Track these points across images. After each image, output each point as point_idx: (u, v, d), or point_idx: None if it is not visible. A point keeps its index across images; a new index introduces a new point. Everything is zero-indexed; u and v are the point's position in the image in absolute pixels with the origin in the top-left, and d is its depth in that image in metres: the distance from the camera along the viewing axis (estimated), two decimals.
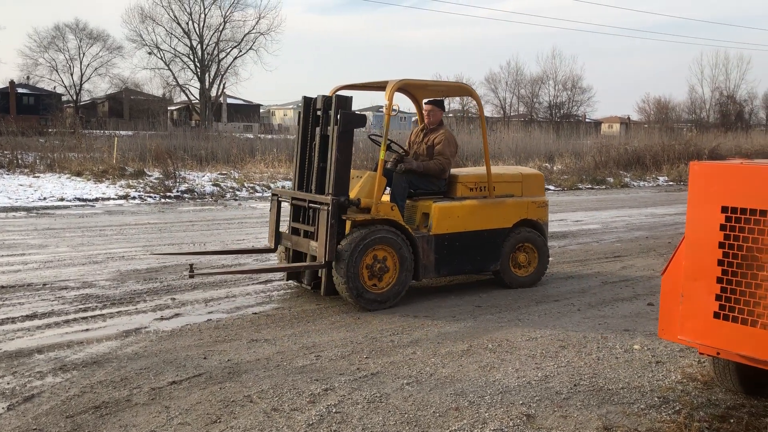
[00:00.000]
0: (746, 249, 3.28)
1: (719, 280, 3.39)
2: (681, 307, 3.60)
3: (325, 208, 5.84)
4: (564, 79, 64.61)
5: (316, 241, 5.97)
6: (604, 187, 21.04)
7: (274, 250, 6.73)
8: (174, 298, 6.28)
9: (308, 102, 6.38)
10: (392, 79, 6.26)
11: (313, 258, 6.06)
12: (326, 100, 6.16)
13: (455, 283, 7.19)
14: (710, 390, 4.23)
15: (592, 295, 6.78)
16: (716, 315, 3.41)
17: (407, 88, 7.04)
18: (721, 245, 3.37)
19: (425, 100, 7.13)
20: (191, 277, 5.69)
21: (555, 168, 23.35)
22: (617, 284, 7.26)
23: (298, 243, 6.34)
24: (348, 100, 6.02)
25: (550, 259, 7.64)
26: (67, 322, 5.49)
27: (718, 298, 3.40)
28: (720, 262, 3.38)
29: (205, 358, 4.68)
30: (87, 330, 5.30)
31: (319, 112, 6.27)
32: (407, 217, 6.54)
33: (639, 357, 4.87)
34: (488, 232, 6.66)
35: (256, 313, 5.85)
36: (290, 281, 6.72)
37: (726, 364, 3.97)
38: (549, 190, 19.13)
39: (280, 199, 6.64)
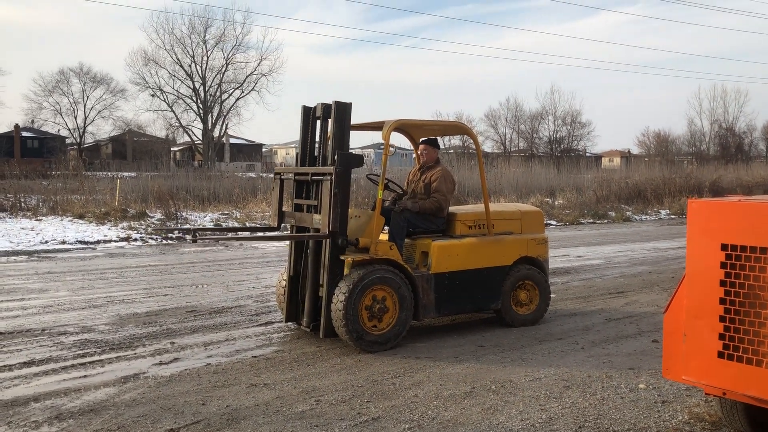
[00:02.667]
0: (748, 287, 3.23)
1: (722, 319, 3.34)
2: (684, 347, 3.54)
3: (329, 178, 5.83)
4: (563, 115, 65.21)
5: (320, 213, 5.95)
6: (605, 221, 21.01)
7: (277, 228, 6.69)
8: (173, 342, 6.22)
9: (307, 111, 6.47)
10: (389, 119, 6.30)
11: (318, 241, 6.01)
12: (325, 107, 6.22)
13: (457, 322, 7.12)
14: (718, 431, 4.14)
15: (596, 332, 6.70)
16: (720, 354, 3.35)
17: (404, 128, 7.08)
18: (723, 283, 3.33)
19: (421, 140, 7.16)
20: (194, 241, 5.68)
21: (556, 203, 23.36)
22: (621, 321, 7.18)
23: (302, 219, 6.34)
24: (347, 107, 6.05)
25: (553, 295, 7.59)
26: (64, 368, 5.43)
27: (721, 337, 3.35)
28: (722, 301, 3.33)
29: (203, 404, 4.61)
30: (85, 376, 5.23)
31: (318, 121, 6.36)
32: (406, 256, 6.50)
33: (645, 396, 4.78)
34: (488, 270, 6.62)
35: (255, 357, 5.78)
36: (290, 323, 6.66)
37: (733, 404, 3.89)
38: (551, 225, 19.11)
39: (282, 177, 6.64)
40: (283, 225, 6.68)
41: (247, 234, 7.10)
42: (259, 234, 7.24)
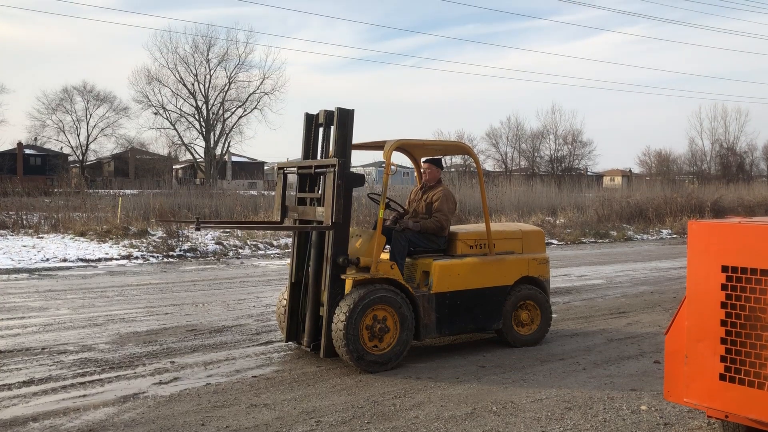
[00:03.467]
0: (749, 309, 3.23)
1: (723, 341, 3.34)
2: (686, 369, 3.53)
3: (332, 170, 5.85)
4: (564, 134, 65.38)
5: (323, 205, 5.98)
6: (607, 240, 21.00)
7: (281, 222, 6.71)
8: (173, 362, 6.20)
9: (310, 118, 6.53)
10: (390, 139, 6.33)
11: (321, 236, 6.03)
12: (328, 114, 6.27)
13: (458, 342, 7.09)
14: None
15: (598, 353, 6.67)
16: (722, 377, 3.34)
17: (405, 147, 7.11)
18: (724, 305, 3.32)
19: (422, 160, 7.19)
20: (198, 229, 5.71)
21: (558, 222, 23.36)
22: (623, 341, 7.16)
23: (305, 212, 6.38)
24: (350, 114, 6.09)
25: (555, 315, 7.57)
26: (64, 387, 5.41)
27: (723, 359, 3.34)
28: (723, 323, 3.33)
29: (203, 425, 4.58)
30: (84, 396, 5.21)
31: (321, 128, 6.41)
32: (407, 275, 6.50)
33: (647, 419, 4.75)
34: (489, 290, 6.61)
35: (255, 377, 5.76)
36: (290, 342, 6.64)
37: (736, 427, 3.87)
38: (552, 244, 19.10)
39: (286, 171, 6.65)
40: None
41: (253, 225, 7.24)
42: (261, 223, 7.33)
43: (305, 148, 6.58)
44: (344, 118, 6.06)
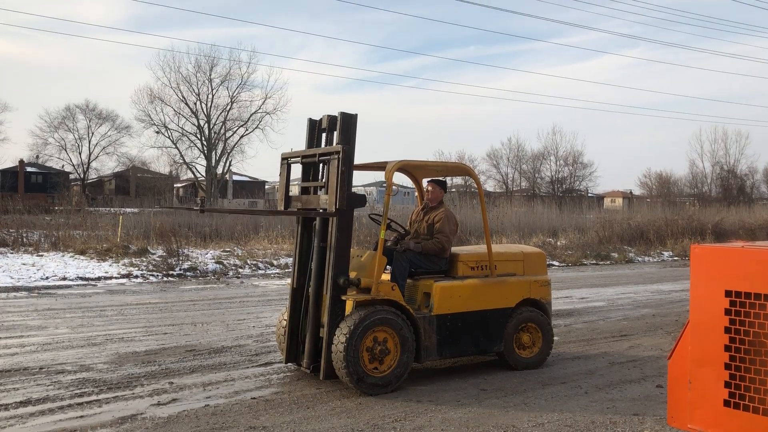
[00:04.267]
0: (753, 335, 3.20)
1: (727, 367, 3.30)
2: (689, 394, 3.49)
3: (336, 156, 5.86)
4: (565, 155, 65.47)
5: (327, 193, 5.99)
6: (608, 262, 20.95)
7: (284, 212, 6.67)
8: (172, 382, 6.15)
9: (313, 123, 6.56)
10: (392, 160, 6.33)
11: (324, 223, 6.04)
12: (331, 119, 6.29)
13: (459, 365, 7.04)
14: None
15: (600, 376, 6.62)
16: (726, 403, 3.30)
17: (407, 168, 7.12)
18: (727, 330, 3.30)
19: (427, 179, 7.19)
20: (202, 212, 5.76)
21: (559, 243, 23.33)
22: (625, 365, 7.10)
23: (308, 201, 6.38)
24: (353, 118, 6.09)
25: (556, 338, 7.52)
26: (61, 408, 5.36)
27: (727, 385, 3.30)
28: (727, 348, 3.30)
29: None
30: (82, 417, 5.16)
31: (324, 133, 6.42)
32: (408, 296, 6.47)
33: None
34: (491, 312, 6.58)
35: (254, 398, 5.70)
36: (290, 363, 6.59)
37: None
38: (553, 265, 19.05)
39: (290, 161, 6.64)
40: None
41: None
42: (264, 211, 7.32)
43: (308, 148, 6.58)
44: (347, 123, 6.06)
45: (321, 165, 6.35)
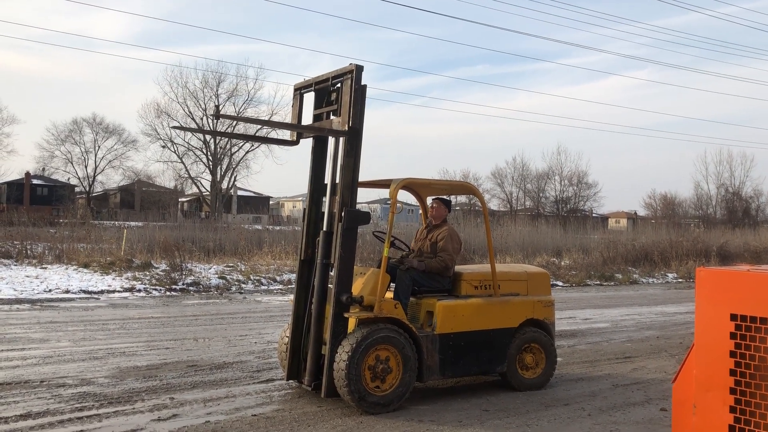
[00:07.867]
0: (759, 359, 3.18)
1: (733, 391, 3.27)
2: (694, 419, 3.46)
3: (349, 76, 5.89)
4: (570, 175, 65.53)
5: (339, 116, 6.02)
6: (612, 283, 20.87)
7: (297, 143, 6.64)
8: (173, 398, 6.12)
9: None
10: (397, 177, 6.34)
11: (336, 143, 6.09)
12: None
13: (461, 385, 6.99)
14: None
15: (603, 398, 6.56)
16: (732, 429, 3.27)
17: (411, 186, 7.12)
18: (733, 354, 3.27)
19: (432, 197, 7.19)
20: (217, 118, 5.71)
21: (563, 263, 23.25)
22: (629, 387, 7.04)
23: (322, 126, 6.35)
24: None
25: (559, 359, 7.46)
26: (61, 422, 5.33)
27: (732, 410, 3.27)
28: (733, 372, 3.27)
29: None
30: (81, 431, 5.13)
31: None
32: (411, 315, 6.44)
33: None
34: (494, 332, 6.54)
35: (255, 415, 5.67)
36: (291, 381, 6.56)
37: None
38: (557, 286, 18.98)
39: (303, 91, 6.63)
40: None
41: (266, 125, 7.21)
42: (278, 123, 7.23)
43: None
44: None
45: (333, 93, 6.33)
